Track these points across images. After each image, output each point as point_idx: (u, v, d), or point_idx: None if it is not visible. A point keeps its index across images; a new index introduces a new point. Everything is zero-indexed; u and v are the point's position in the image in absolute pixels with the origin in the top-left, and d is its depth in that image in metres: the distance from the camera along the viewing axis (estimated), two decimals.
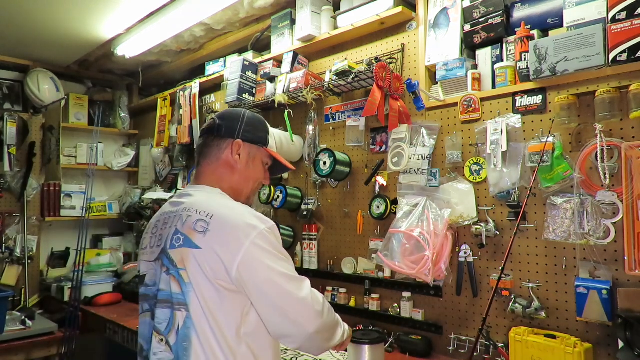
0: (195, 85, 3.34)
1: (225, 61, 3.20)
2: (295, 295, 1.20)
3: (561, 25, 1.80)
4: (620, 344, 1.55)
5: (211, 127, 1.41)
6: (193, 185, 1.39)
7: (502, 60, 1.98)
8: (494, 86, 2.01)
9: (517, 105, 1.91)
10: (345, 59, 2.44)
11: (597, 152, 1.63)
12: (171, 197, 1.42)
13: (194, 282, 1.17)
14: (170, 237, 1.23)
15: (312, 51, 2.71)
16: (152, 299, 1.28)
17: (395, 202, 2.25)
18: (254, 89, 2.87)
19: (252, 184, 1.41)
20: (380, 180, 2.31)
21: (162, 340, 1.21)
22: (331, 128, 2.65)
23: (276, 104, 2.64)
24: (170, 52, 3.52)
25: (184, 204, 1.28)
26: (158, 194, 3.57)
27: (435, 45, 2.18)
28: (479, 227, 1.95)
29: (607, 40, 1.62)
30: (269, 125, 1.49)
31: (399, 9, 2.19)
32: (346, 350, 1.73)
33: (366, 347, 1.77)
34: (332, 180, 2.57)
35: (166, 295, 1.21)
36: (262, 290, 1.17)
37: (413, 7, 2.29)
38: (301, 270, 2.67)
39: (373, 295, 2.34)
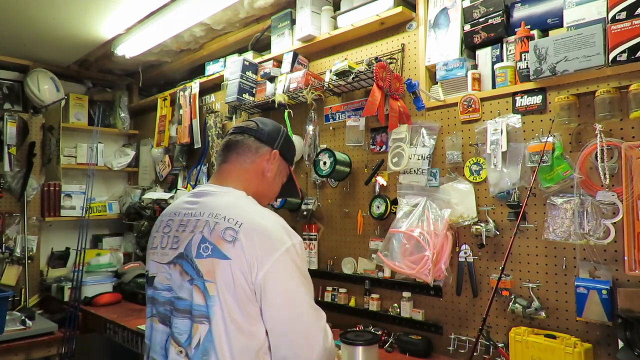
0: (195, 85, 3.34)
1: (225, 61, 3.20)
2: (310, 323, 1.16)
3: (561, 25, 1.80)
4: (620, 344, 1.55)
5: (253, 129, 1.36)
6: (214, 185, 1.32)
7: (502, 60, 1.98)
8: (494, 86, 2.01)
9: (517, 105, 1.91)
10: (345, 59, 2.44)
11: (597, 152, 1.63)
12: (188, 194, 1.35)
13: (220, 295, 1.12)
14: (195, 245, 1.17)
15: (312, 51, 2.71)
16: (161, 304, 1.23)
17: (395, 202, 2.25)
18: (254, 89, 2.87)
19: (272, 196, 1.43)
20: (380, 180, 2.31)
21: (181, 352, 1.16)
22: (331, 128, 2.65)
23: (276, 104, 2.64)
24: (170, 52, 3.52)
25: (206, 206, 1.23)
26: (158, 194, 3.58)
27: (435, 45, 2.18)
28: (479, 227, 1.95)
29: (607, 40, 1.62)
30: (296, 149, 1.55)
31: (399, 9, 2.19)
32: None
33: (360, 348, 1.77)
34: (332, 180, 2.57)
35: (187, 306, 1.16)
36: (279, 305, 1.14)
37: (413, 7, 2.29)
38: None
39: (373, 295, 2.34)
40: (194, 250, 1.17)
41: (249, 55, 2.97)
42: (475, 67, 2.08)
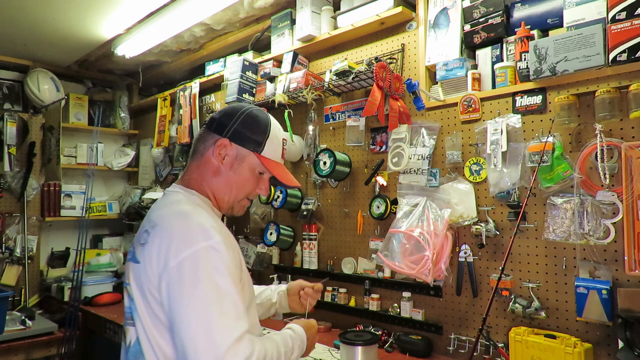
0: (195, 85, 3.34)
1: (225, 61, 3.20)
2: (209, 329, 0.95)
3: (561, 25, 1.80)
4: (620, 344, 1.55)
5: (210, 119, 1.27)
6: (175, 185, 1.26)
7: (502, 60, 1.98)
8: (494, 86, 2.01)
9: (517, 105, 1.91)
10: (345, 59, 2.44)
11: (597, 152, 1.63)
12: None
13: (135, 298, 1.09)
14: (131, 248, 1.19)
15: (312, 51, 2.71)
16: None
17: (395, 202, 2.25)
18: (254, 89, 2.87)
19: (236, 193, 1.22)
20: (380, 180, 2.31)
21: (126, 352, 1.16)
22: (331, 128, 2.65)
23: (276, 104, 2.64)
24: (170, 52, 3.52)
25: (152, 208, 1.20)
26: (158, 194, 3.58)
27: (435, 45, 2.18)
28: (479, 227, 1.95)
29: (607, 40, 1.62)
30: (277, 129, 1.28)
31: (399, 9, 2.19)
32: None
33: (359, 348, 1.77)
34: (332, 180, 2.57)
35: (125, 308, 1.17)
36: (173, 310, 0.99)
37: (413, 7, 2.29)
38: (301, 270, 2.67)
39: (373, 295, 2.34)
40: (129, 253, 1.19)
41: (249, 55, 2.97)
42: (475, 67, 2.07)
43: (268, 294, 1.58)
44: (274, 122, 1.28)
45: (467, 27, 2.08)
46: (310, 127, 2.59)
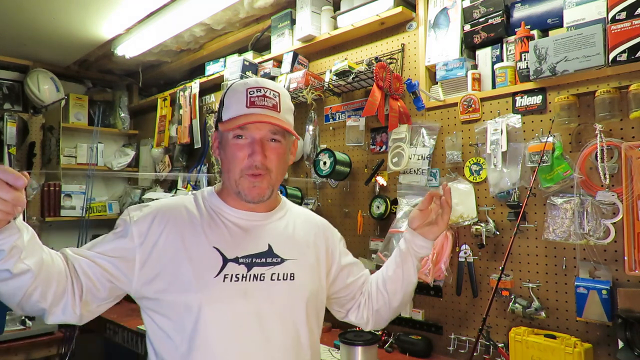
0: (195, 85, 3.33)
1: (225, 61, 3.20)
2: None
3: (561, 25, 1.80)
4: (620, 344, 1.55)
5: None
6: None
7: (502, 60, 1.98)
8: (494, 86, 2.01)
9: (517, 105, 1.91)
10: (345, 59, 2.44)
11: (597, 152, 1.63)
12: None
13: None
14: None
15: (312, 51, 2.71)
16: None
17: (395, 202, 2.25)
18: None
19: (232, 172, 1.11)
20: (380, 180, 2.31)
21: None
22: (331, 128, 2.65)
23: None
24: (170, 52, 3.52)
25: None
26: (158, 194, 3.57)
27: (435, 45, 2.18)
28: (479, 227, 1.95)
29: (607, 40, 1.62)
30: (235, 86, 1.13)
31: (399, 9, 2.19)
32: None
33: (359, 348, 1.77)
34: (332, 180, 2.57)
35: None
36: None
37: (413, 7, 2.29)
38: None
39: None
40: None
41: (249, 55, 2.97)
42: (475, 67, 2.08)
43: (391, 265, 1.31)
44: (236, 83, 1.14)
45: (467, 27, 2.08)
46: (310, 127, 2.60)
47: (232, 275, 1.07)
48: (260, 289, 1.09)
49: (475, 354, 1.79)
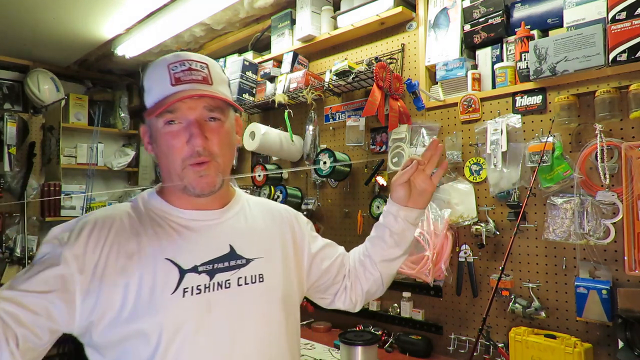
0: None
1: (225, 61, 3.20)
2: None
3: (561, 25, 1.80)
4: (620, 344, 1.55)
5: None
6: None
7: (502, 60, 1.98)
8: (494, 86, 2.01)
9: (517, 105, 1.91)
10: (345, 59, 2.44)
11: (597, 152, 1.63)
12: None
13: None
14: None
15: (312, 51, 2.71)
16: None
17: None
18: (254, 89, 2.87)
19: (171, 163, 0.95)
20: (380, 180, 2.31)
21: None
22: (331, 128, 2.65)
23: (276, 104, 2.64)
24: (170, 52, 3.52)
25: None
26: None
27: (435, 45, 2.18)
28: (479, 227, 1.95)
29: (607, 40, 1.62)
30: (156, 64, 1.00)
31: (399, 9, 2.19)
32: None
33: (359, 348, 1.77)
34: (332, 180, 2.57)
35: None
36: None
37: (413, 7, 2.29)
38: None
39: None
40: None
41: (249, 55, 2.97)
42: (475, 67, 2.08)
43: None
44: (154, 62, 1.02)
45: (467, 27, 2.08)
46: (310, 127, 2.60)
47: (192, 288, 0.91)
48: (227, 298, 0.94)
49: (475, 354, 1.79)
